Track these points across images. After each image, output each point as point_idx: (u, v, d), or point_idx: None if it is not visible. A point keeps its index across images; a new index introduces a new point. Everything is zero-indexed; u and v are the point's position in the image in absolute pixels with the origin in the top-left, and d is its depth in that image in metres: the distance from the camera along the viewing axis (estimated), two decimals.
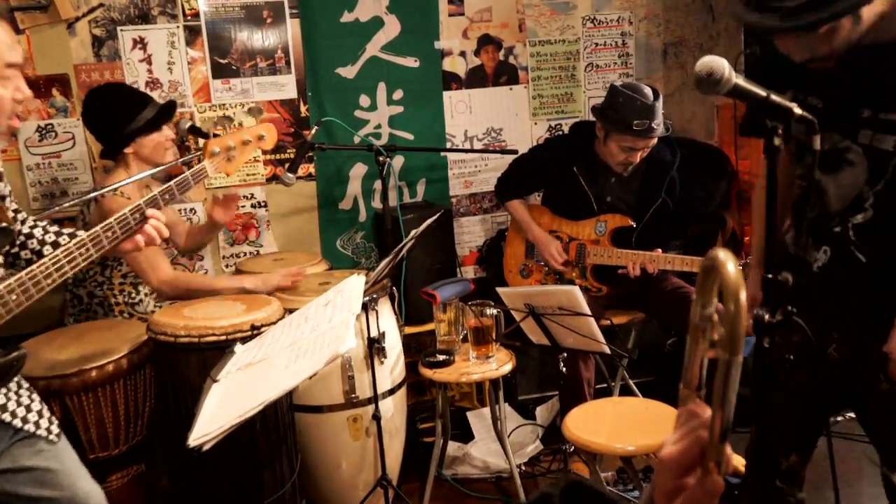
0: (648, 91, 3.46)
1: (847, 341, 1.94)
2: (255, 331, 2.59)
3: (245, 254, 4.10)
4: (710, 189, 4.36)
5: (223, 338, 2.60)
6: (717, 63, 1.44)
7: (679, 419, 1.01)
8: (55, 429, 1.98)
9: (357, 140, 4.12)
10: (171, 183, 2.15)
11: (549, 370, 4.03)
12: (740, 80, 1.47)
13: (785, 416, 2.05)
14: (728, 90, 1.45)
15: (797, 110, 1.51)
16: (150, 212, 2.02)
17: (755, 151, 4.34)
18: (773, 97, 1.49)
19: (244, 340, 2.42)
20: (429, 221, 2.93)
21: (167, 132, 3.21)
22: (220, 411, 1.81)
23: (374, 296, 2.89)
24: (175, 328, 2.64)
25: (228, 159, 2.31)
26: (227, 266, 4.09)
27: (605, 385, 3.97)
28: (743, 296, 0.91)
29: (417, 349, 3.89)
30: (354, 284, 2.22)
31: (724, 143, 4.69)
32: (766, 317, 1.52)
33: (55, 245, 2.04)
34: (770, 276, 1.54)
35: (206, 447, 1.68)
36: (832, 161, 1.82)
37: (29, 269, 1.79)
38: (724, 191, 4.43)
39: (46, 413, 1.98)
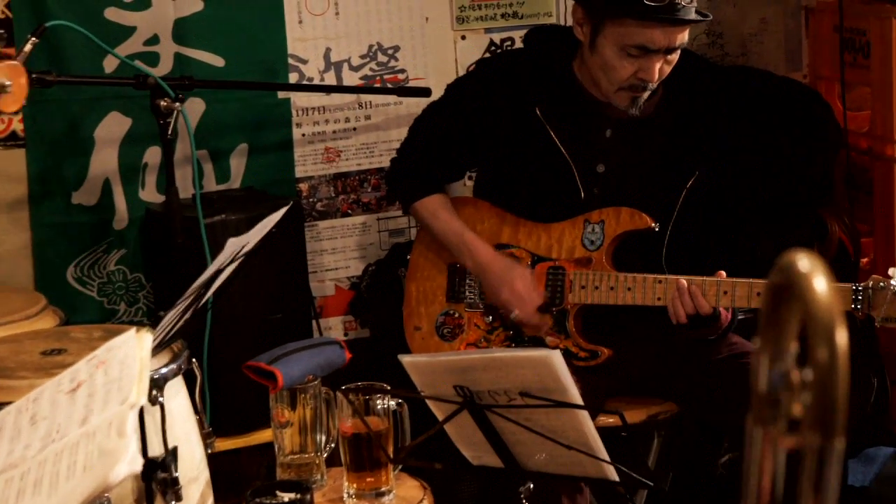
0: None
1: None
2: None
3: None
4: (799, 164, 4.54)
5: None
6: None
7: None
8: None
9: (112, 68, 4.24)
10: None
11: None
12: None
13: None
14: None
15: None
16: None
17: (880, 95, 4.50)
18: None
19: None
20: (276, 216, 2.99)
21: None
22: None
23: (158, 372, 2.92)
24: None
25: None
26: None
27: None
28: (842, 335, 1.00)
29: (231, 485, 3.88)
30: (126, 348, 2.25)
31: (818, 81, 4.91)
32: None
33: None
34: None
35: None
36: None
37: None
38: (822, 168, 4.63)
39: None
